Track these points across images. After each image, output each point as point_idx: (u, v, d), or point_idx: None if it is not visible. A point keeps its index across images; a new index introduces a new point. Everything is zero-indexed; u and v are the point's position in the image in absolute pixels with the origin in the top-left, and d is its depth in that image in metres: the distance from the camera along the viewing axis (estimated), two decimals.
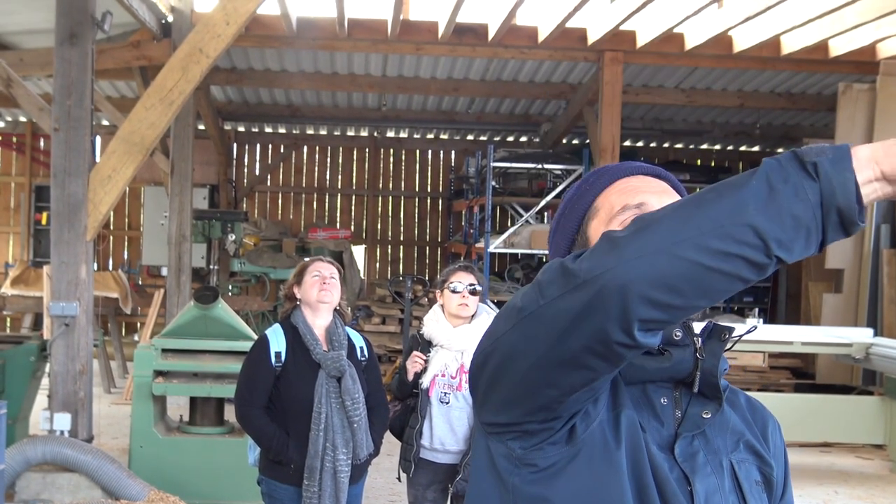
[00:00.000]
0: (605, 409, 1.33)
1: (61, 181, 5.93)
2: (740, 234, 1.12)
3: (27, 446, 5.65)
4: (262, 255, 12.43)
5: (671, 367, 1.38)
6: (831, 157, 1.13)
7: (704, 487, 1.35)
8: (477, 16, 9.25)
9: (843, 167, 1.12)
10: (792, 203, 1.12)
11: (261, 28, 9.11)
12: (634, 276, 1.13)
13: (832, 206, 1.12)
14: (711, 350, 1.39)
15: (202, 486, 6.04)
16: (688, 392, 1.40)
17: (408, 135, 14.70)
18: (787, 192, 1.12)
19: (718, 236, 1.12)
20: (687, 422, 1.38)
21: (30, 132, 14.16)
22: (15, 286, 11.39)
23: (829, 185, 1.12)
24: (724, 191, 1.15)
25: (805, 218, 1.12)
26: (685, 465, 1.35)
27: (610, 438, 1.31)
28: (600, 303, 1.14)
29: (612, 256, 1.14)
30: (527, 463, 1.32)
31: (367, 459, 4.09)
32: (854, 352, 7.93)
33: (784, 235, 1.12)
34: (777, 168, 1.14)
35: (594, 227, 1.45)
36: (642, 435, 1.34)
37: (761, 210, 1.12)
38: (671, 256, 1.12)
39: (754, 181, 1.14)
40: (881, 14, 8.00)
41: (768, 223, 1.11)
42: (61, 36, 5.93)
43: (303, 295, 4.09)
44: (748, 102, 11.76)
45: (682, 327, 1.38)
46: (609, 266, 1.14)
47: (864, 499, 7.35)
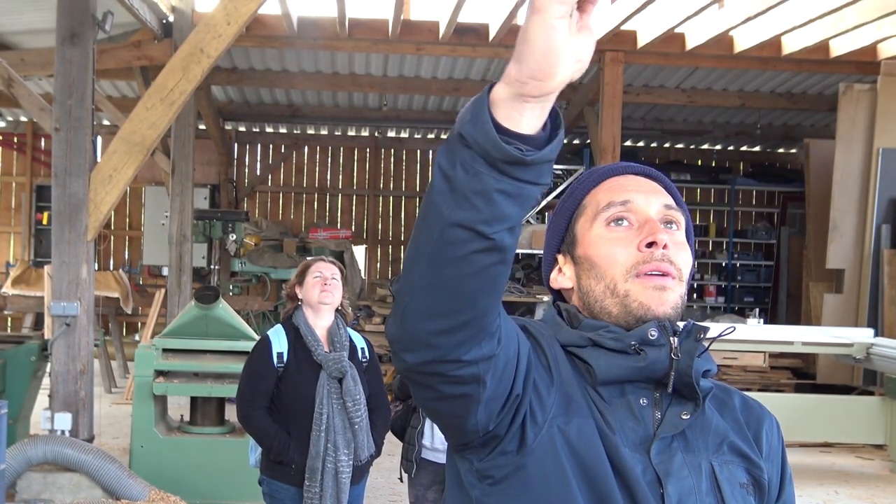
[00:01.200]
0: (559, 416, 1.32)
1: (62, 181, 5.93)
2: (452, 236, 1.13)
3: (28, 446, 5.66)
4: (263, 255, 12.43)
5: (646, 366, 1.35)
6: (470, 117, 1.11)
7: (678, 490, 1.33)
8: (478, 16, 9.26)
9: (481, 121, 1.09)
10: (469, 183, 1.11)
11: (262, 28, 9.12)
12: (414, 320, 1.18)
13: (496, 161, 1.10)
14: (687, 350, 1.37)
15: (203, 485, 6.04)
16: (668, 394, 1.38)
17: (409, 135, 14.70)
18: (459, 175, 1.11)
19: (440, 248, 1.14)
20: (665, 423, 1.36)
21: (31, 132, 14.17)
22: (16, 286, 11.39)
23: (480, 147, 1.10)
24: (426, 202, 1.16)
25: (487, 186, 1.11)
26: (659, 466, 1.33)
27: (560, 447, 1.31)
28: (406, 351, 1.22)
29: (397, 314, 1.21)
30: (485, 475, 1.33)
31: (368, 460, 4.09)
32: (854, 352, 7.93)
33: (483, 215, 1.12)
34: (445, 154, 1.14)
35: (581, 225, 1.45)
36: (609, 438, 1.32)
37: (452, 205, 1.12)
38: (428, 293, 1.17)
39: (434, 179, 1.15)
40: (882, 14, 8.00)
41: (464, 213, 1.12)
42: (62, 36, 5.93)
43: (304, 295, 4.09)
44: (749, 102, 11.76)
45: (658, 327, 1.36)
46: (397, 324, 1.21)
47: (864, 499, 7.35)
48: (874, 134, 10.02)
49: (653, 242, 1.37)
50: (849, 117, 10.18)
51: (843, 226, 10.24)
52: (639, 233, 1.39)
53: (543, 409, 1.31)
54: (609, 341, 1.36)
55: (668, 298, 1.37)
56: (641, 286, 1.36)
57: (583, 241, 1.43)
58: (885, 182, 9.96)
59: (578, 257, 1.44)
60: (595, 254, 1.41)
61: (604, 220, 1.41)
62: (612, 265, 1.38)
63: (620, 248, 1.39)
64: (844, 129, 10.20)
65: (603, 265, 1.39)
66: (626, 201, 1.41)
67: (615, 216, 1.41)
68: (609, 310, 1.39)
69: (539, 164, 1.12)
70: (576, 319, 1.42)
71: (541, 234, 11.14)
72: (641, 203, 1.41)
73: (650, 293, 1.36)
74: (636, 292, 1.36)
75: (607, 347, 1.36)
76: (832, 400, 8.54)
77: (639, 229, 1.40)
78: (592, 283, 1.41)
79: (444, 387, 1.23)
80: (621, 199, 1.42)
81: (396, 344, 1.22)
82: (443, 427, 1.36)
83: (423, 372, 1.22)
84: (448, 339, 1.18)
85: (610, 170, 1.48)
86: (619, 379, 1.37)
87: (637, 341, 1.35)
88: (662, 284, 1.36)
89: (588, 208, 1.45)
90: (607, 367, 1.35)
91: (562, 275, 1.48)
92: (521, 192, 1.12)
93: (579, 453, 1.30)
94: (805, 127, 13.64)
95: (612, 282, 1.38)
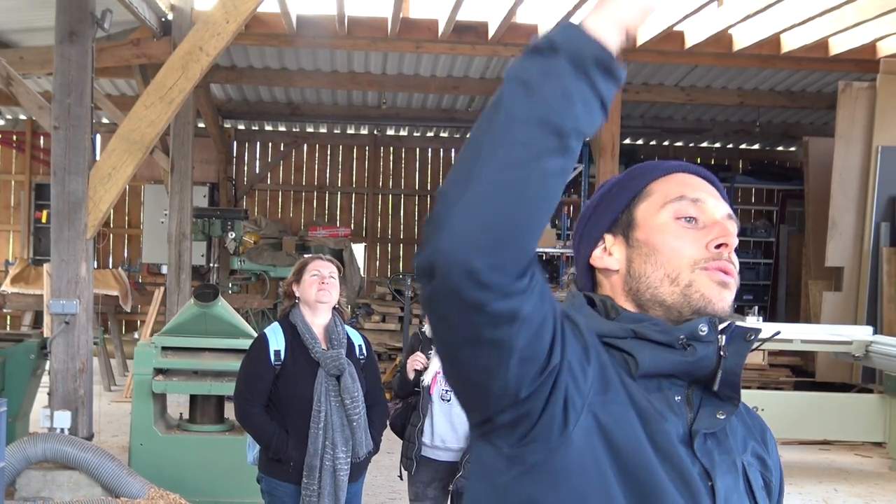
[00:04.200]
0: (596, 401, 1.27)
1: (61, 179, 5.93)
2: (526, 134, 1.13)
3: (27, 444, 5.66)
4: (262, 254, 12.43)
5: (694, 361, 1.34)
6: (558, 29, 1.17)
7: (724, 485, 1.32)
8: (477, 14, 9.26)
9: (575, 29, 1.16)
10: (549, 83, 1.14)
11: (261, 26, 9.11)
12: (456, 238, 1.12)
13: (585, 61, 1.15)
14: (737, 350, 1.36)
15: (202, 483, 6.04)
16: (699, 391, 1.37)
17: (408, 133, 14.70)
18: (538, 80, 1.14)
19: (509, 148, 1.13)
20: (701, 420, 1.35)
21: (30, 130, 14.16)
22: (15, 284, 11.39)
23: (572, 48, 1.15)
24: (489, 113, 1.16)
25: (569, 87, 1.14)
26: (704, 460, 1.32)
27: (596, 434, 1.26)
28: (441, 278, 1.14)
29: (434, 236, 1.14)
30: (516, 461, 1.27)
31: (366, 457, 4.09)
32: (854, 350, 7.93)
33: (562, 112, 1.14)
34: (520, 67, 1.16)
35: (643, 209, 1.41)
36: (661, 426, 1.29)
37: (528, 105, 1.14)
38: (483, 198, 1.13)
39: (506, 88, 1.16)
40: (881, 12, 8.00)
41: (541, 111, 1.13)
42: (61, 34, 5.93)
43: (301, 293, 4.09)
44: (748, 101, 11.77)
45: (709, 323, 1.35)
46: (433, 246, 1.14)
47: (863, 496, 7.36)
48: (873, 132, 10.02)
49: (723, 244, 1.37)
50: (848, 115, 10.18)
51: (842, 224, 10.24)
52: (707, 232, 1.38)
53: (580, 393, 1.26)
54: (655, 334, 1.34)
55: (728, 297, 1.36)
56: (708, 278, 1.35)
57: (645, 225, 1.40)
58: (884, 180, 9.96)
59: (636, 240, 1.40)
60: (660, 241, 1.38)
61: (673, 210, 1.39)
62: (677, 255, 1.37)
63: (689, 242, 1.37)
64: (844, 127, 10.20)
65: (667, 254, 1.37)
66: (697, 199, 1.40)
67: (686, 213, 1.39)
68: (662, 298, 1.36)
69: (616, 78, 1.18)
70: (613, 311, 1.39)
71: None
72: (711, 205, 1.41)
73: (714, 287, 1.35)
74: (701, 283, 1.35)
75: (652, 340, 1.34)
76: (831, 398, 8.54)
77: (706, 229, 1.39)
78: (649, 268, 1.38)
79: (479, 327, 1.16)
80: (694, 195, 1.40)
81: (439, 266, 1.13)
82: (467, 396, 1.29)
83: (461, 300, 1.14)
84: (494, 258, 1.12)
85: (679, 166, 1.47)
86: (663, 372, 1.34)
87: (686, 335, 1.34)
88: (727, 281, 1.36)
89: (655, 195, 1.42)
90: (652, 360, 1.33)
91: (608, 255, 1.44)
92: (593, 104, 1.17)
93: (616, 442, 1.27)
94: (804, 125, 13.64)
95: (674, 271, 1.36)
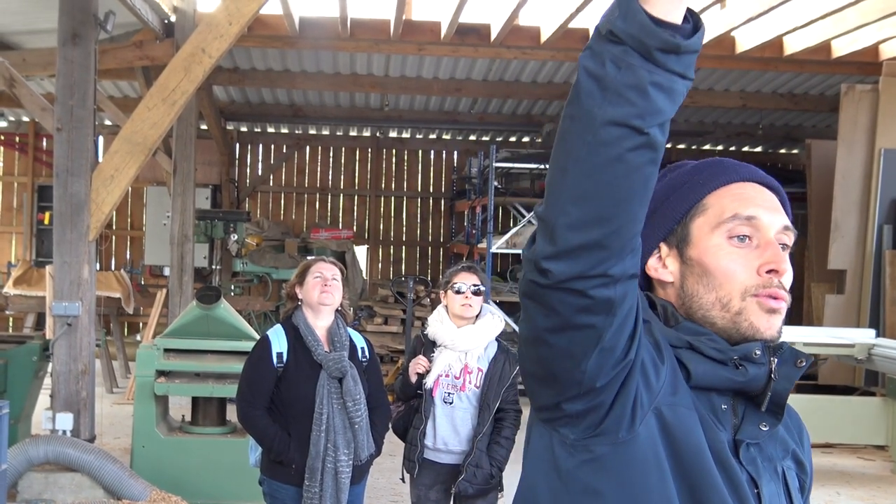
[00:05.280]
0: (665, 401, 1.31)
1: (64, 181, 5.93)
2: (605, 136, 1.14)
3: (29, 446, 5.66)
4: (265, 256, 12.43)
5: (745, 382, 1.37)
6: (619, 13, 1.14)
7: (768, 492, 1.36)
8: (479, 16, 9.26)
9: (634, 12, 1.13)
10: (622, 77, 1.13)
11: (263, 28, 9.12)
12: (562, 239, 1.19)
13: (652, 51, 1.13)
14: (786, 374, 1.39)
15: (204, 486, 6.04)
16: (743, 401, 1.40)
17: (410, 135, 14.71)
18: (610, 73, 1.13)
19: (592, 152, 1.15)
20: (745, 430, 1.38)
21: (32, 132, 14.18)
22: (17, 286, 11.39)
23: (635, 39, 1.13)
24: (570, 110, 1.17)
25: (642, 79, 1.13)
26: (750, 467, 1.36)
27: (659, 432, 1.30)
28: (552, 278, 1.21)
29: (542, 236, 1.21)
30: (582, 448, 1.30)
31: (368, 460, 4.09)
32: (856, 353, 7.92)
33: (640, 108, 1.14)
34: (590, 56, 1.15)
35: (699, 226, 1.41)
36: (717, 433, 1.33)
37: (603, 104, 1.13)
38: (578, 200, 1.17)
39: (581, 82, 1.15)
40: (884, 15, 8.00)
41: (618, 110, 1.13)
42: (64, 36, 5.94)
43: (304, 295, 4.09)
44: (750, 103, 11.76)
45: (762, 346, 1.37)
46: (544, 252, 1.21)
47: (865, 500, 7.34)
48: (876, 134, 10.01)
49: (774, 270, 1.37)
50: (850, 118, 10.17)
51: (844, 226, 10.23)
52: (760, 253, 1.38)
53: (650, 391, 1.30)
54: (711, 350, 1.37)
55: (777, 324, 1.38)
56: (757, 306, 1.36)
57: (698, 244, 1.41)
58: (886, 182, 9.95)
59: (690, 259, 1.42)
60: (712, 264, 1.39)
61: (726, 230, 1.39)
62: (729, 281, 1.37)
63: (741, 266, 1.38)
64: (846, 129, 10.19)
65: (719, 278, 1.38)
66: (752, 217, 1.39)
67: (739, 232, 1.39)
68: (713, 320, 1.39)
69: (689, 52, 1.15)
70: (673, 318, 1.41)
71: None
72: (766, 219, 1.40)
73: (763, 316, 1.37)
74: (750, 311, 1.37)
75: (707, 355, 1.37)
76: (833, 401, 8.52)
77: (759, 249, 1.38)
78: (701, 289, 1.40)
79: (575, 312, 1.22)
80: (747, 213, 1.39)
81: (543, 259, 1.20)
82: (543, 380, 1.32)
83: (564, 288, 1.20)
84: (597, 253, 1.18)
85: (739, 173, 1.45)
86: (714, 386, 1.37)
87: (740, 356, 1.37)
88: (776, 308, 1.37)
89: (711, 211, 1.41)
90: (704, 374, 1.36)
91: (663, 267, 1.45)
92: (672, 84, 1.15)
93: (678, 442, 1.30)
94: (807, 127, 13.63)
95: (726, 296, 1.37)
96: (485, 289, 4.37)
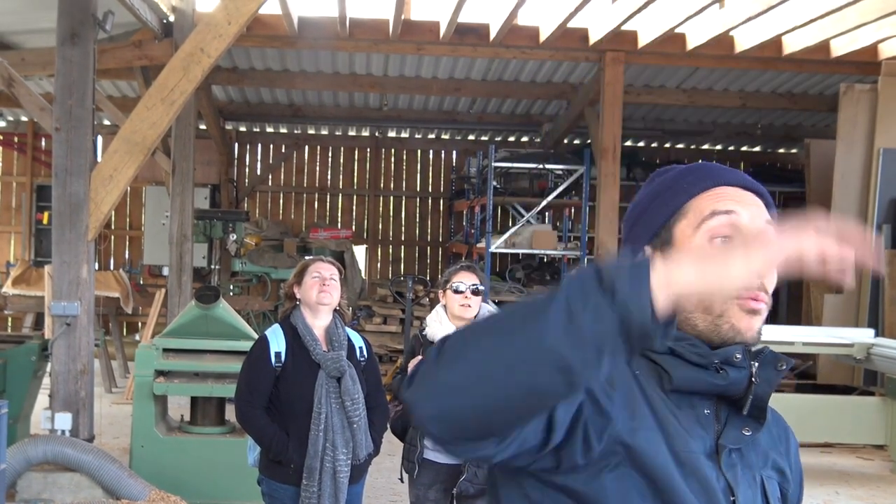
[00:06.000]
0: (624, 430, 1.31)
1: (63, 181, 5.93)
2: (543, 361, 1.11)
3: (28, 446, 5.66)
4: (264, 255, 12.43)
5: (726, 385, 1.38)
6: (629, 277, 1.12)
7: (745, 500, 1.36)
8: (478, 16, 9.27)
9: (640, 294, 1.11)
10: (593, 332, 1.11)
11: (262, 28, 9.12)
12: (430, 413, 1.17)
13: (632, 326, 1.11)
14: (767, 378, 1.40)
15: (203, 485, 6.04)
16: (726, 407, 1.41)
17: (409, 135, 14.70)
18: (586, 320, 1.11)
19: (521, 366, 1.12)
20: (727, 435, 1.39)
21: (31, 132, 14.17)
22: (16, 286, 11.39)
23: (628, 314, 1.11)
24: (525, 314, 1.14)
25: (605, 345, 1.11)
26: (728, 474, 1.36)
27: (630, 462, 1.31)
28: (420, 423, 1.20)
29: (422, 387, 1.18)
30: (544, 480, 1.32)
31: (366, 459, 4.09)
32: (855, 352, 7.93)
33: (587, 361, 1.12)
34: (577, 290, 1.13)
35: (681, 230, 1.42)
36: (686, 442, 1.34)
37: (561, 339, 1.11)
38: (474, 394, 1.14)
39: (554, 306, 1.12)
40: (883, 14, 7.99)
41: (570, 351, 1.11)
42: (63, 35, 5.93)
43: (302, 295, 4.09)
44: (750, 103, 11.76)
45: (743, 350, 1.38)
46: (416, 397, 1.18)
47: (864, 499, 7.35)
48: (875, 134, 10.01)
49: None
50: (849, 117, 10.18)
51: None
52: None
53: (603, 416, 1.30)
54: (692, 355, 1.37)
55: (757, 325, 1.38)
56: (738, 309, 1.37)
57: (681, 247, 1.42)
58: (885, 182, 9.95)
59: None
60: None
61: (707, 231, 1.39)
62: None
63: None
64: (845, 129, 10.19)
65: None
66: (729, 211, 1.40)
67: (720, 232, 1.39)
68: (695, 323, 1.39)
69: (646, 347, 1.15)
70: None
71: (542, 235, 11.13)
72: (744, 216, 1.40)
73: (743, 317, 1.37)
74: (732, 314, 1.37)
75: (688, 360, 1.37)
76: (833, 400, 8.53)
77: None
78: None
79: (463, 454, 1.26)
80: (725, 207, 1.40)
81: (423, 419, 1.19)
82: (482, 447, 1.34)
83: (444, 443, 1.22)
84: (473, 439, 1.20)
85: (720, 178, 1.45)
86: (695, 390, 1.38)
87: (721, 360, 1.37)
88: (757, 309, 1.37)
89: (692, 213, 1.42)
90: (685, 379, 1.37)
91: None
92: (615, 357, 1.14)
93: (646, 466, 1.31)
94: (806, 127, 13.63)
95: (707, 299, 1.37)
96: (483, 288, 4.36)
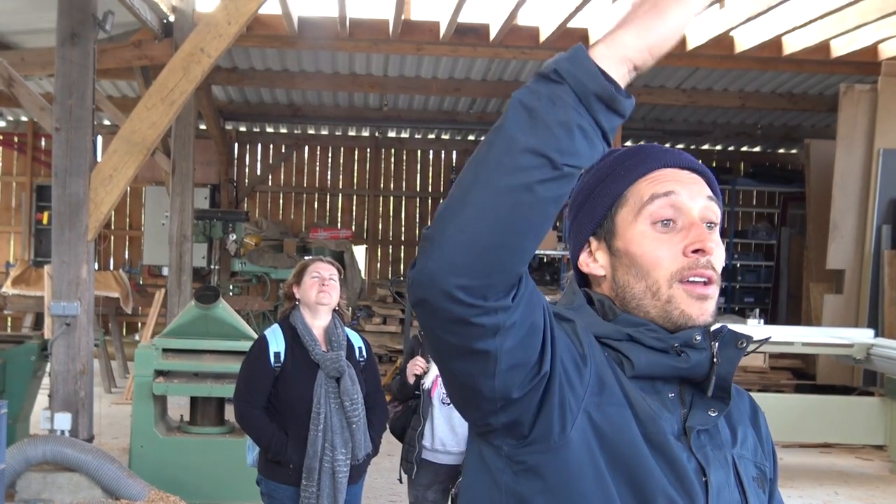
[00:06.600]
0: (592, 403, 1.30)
1: (62, 181, 5.93)
2: (521, 162, 1.14)
3: (28, 446, 5.66)
4: (263, 255, 12.43)
5: (688, 368, 1.36)
6: (567, 58, 1.17)
7: (717, 480, 1.35)
8: (478, 16, 9.26)
9: (582, 61, 1.17)
10: (553, 112, 1.15)
11: (262, 28, 9.12)
12: (445, 260, 1.16)
13: (589, 95, 1.16)
14: (728, 357, 1.38)
15: (202, 485, 6.05)
16: (690, 389, 1.39)
17: (409, 135, 14.70)
18: (544, 106, 1.15)
19: (504, 174, 1.14)
20: (694, 417, 1.37)
21: (31, 132, 14.16)
22: (16, 286, 11.40)
23: (577, 80, 1.15)
24: (491, 136, 1.18)
25: (571, 118, 1.15)
26: (699, 455, 1.35)
27: (592, 435, 1.29)
28: (429, 294, 1.18)
29: (425, 255, 1.18)
30: (515, 460, 1.30)
31: (365, 460, 4.09)
32: (855, 352, 7.93)
33: (561, 144, 1.15)
34: (527, 92, 1.17)
35: (622, 217, 1.41)
36: (657, 424, 1.32)
37: (528, 132, 1.14)
38: (474, 222, 1.15)
39: (510, 112, 1.17)
40: (883, 14, 8.00)
41: (540, 140, 1.14)
42: (63, 35, 5.93)
43: (302, 295, 4.09)
44: (749, 103, 11.76)
45: (702, 332, 1.37)
46: (423, 264, 1.18)
47: (863, 499, 7.35)
48: (875, 134, 10.02)
49: (699, 249, 1.36)
50: (849, 118, 10.18)
51: (843, 226, 10.23)
52: (684, 235, 1.37)
53: (576, 395, 1.29)
54: (651, 340, 1.36)
55: (709, 308, 1.37)
56: (686, 294, 1.36)
57: (624, 235, 1.40)
58: (885, 182, 9.96)
59: (617, 250, 1.41)
60: (638, 252, 1.38)
61: (648, 215, 1.38)
62: (655, 267, 1.37)
63: (665, 250, 1.37)
64: (845, 129, 10.19)
65: (646, 266, 1.38)
66: (669, 192, 1.39)
67: (661, 216, 1.38)
68: (647, 310, 1.38)
69: (619, 111, 1.18)
70: (611, 312, 1.40)
71: None
72: (685, 198, 1.39)
73: (693, 303, 1.36)
74: (679, 299, 1.36)
75: (648, 346, 1.36)
76: (832, 400, 8.53)
77: (684, 231, 1.38)
78: (631, 280, 1.39)
79: (464, 338, 1.20)
80: (664, 189, 1.39)
81: (428, 280, 1.17)
82: (460, 399, 1.32)
83: (446, 315, 1.18)
84: (479, 281, 1.16)
85: (659, 160, 1.43)
86: (657, 375, 1.37)
87: (681, 343, 1.36)
88: (706, 294, 1.37)
89: (631, 200, 1.41)
90: (647, 364, 1.35)
91: (594, 261, 1.44)
92: (594, 135, 1.17)
93: (612, 442, 1.29)
94: (805, 127, 13.63)
95: (654, 284, 1.37)
96: None
